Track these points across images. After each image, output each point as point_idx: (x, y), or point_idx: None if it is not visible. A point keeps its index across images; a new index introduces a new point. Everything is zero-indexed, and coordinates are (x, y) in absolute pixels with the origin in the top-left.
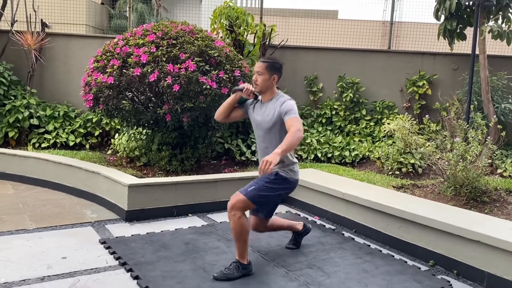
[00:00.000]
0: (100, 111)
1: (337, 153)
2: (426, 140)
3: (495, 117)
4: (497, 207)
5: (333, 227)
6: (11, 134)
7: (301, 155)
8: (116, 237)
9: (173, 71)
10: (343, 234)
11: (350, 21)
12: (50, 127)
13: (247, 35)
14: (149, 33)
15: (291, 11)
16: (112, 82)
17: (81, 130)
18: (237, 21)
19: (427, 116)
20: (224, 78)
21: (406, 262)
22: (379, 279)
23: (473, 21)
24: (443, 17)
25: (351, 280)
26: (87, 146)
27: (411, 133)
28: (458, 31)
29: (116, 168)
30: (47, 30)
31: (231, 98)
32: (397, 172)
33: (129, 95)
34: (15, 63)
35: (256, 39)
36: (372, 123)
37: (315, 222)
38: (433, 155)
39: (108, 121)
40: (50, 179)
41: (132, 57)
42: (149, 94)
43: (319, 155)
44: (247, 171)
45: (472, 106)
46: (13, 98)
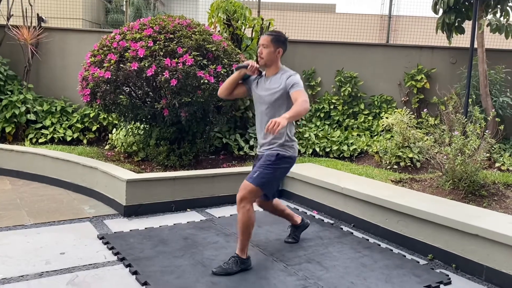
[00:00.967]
0: (97, 106)
1: (335, 148)
2: (424, 134)
3: (493, 110)
4: (495, 200)
5: (332, 222)
6: (8, 129)
7: (299, 149)
8: (114, 232)
9: (171, 66)
10: (342, 228)
11: (348, 15)
12: (47, 122)
13: (244, 29)
14: (146, 27)
15: (289, 5)
16: (109, 76)
17: (79, 125)
18: (235, 15)
19: (425, 110)
20: (222, 72)
21: (404, 256)
22: (377, 273)
23: (471, 15)
24: (441, 11)
25: (349, 274)
26: (85, 141)
27: (410, 127)
28: (456, 24)
29: (114, 163)
30: (43, 24)
31: (235, 74)
32: (396, 166)
33: (127, 89)
34: (12, 58)
35: (254, 33)
36: (370, 118)
37: (314, 216)
38: (432, 149)
39: (105, 116)
40: (47, 175)
41: (129, 51)
42: (146, 88)
43: (317, 150)
44: (246, 166)
45: (470, 100)
46: (9, 93)
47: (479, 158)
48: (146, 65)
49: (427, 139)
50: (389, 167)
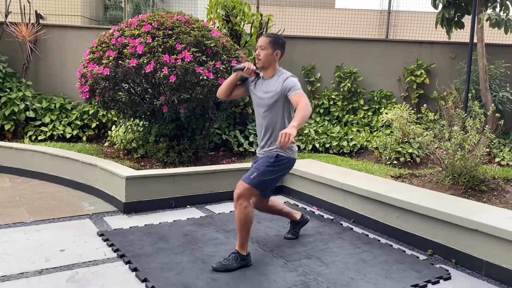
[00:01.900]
0: (96, 103)
1: (335, 143)
2: (424, 129)
3: (493, 105)
4: (495, 195)
5: (331, 217)
6: (7, 126)
7: (299, 145)
8: (114, 229)
9: (169, 62)
10: (341, 224)
11: (347, 10)
12: (46, 120)
13: (243, 25)
14: (144, 24)
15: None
16: (108, 73)
17: (78, 122)
18: (234, 11)
19: (425, 105)
20: (221, 68)
21: (404, 251)
22: (377, 268)
23: (471, 9)
24: (440, 6)
25: (349, 269)
26: (84, 138)
27: (409, 122)
28: (456, 19)
29: (113, 160)
30: (42, 21)
31: (232, 76)
32: (395, 161)
33: (126, 86)
34: (10, 55)
35: (253, 29)
36: (370, 113)
37: (313, 212)
38: (431, 144)
39: (104, 113)
40: (47, 172)
41: (128, 48)
42: (145, 85)
43: (317, 146)
44: (245, 162)
45: (470, 95)
46: (8, 90)
47: (478, 153)
48: (144, 61)
49: (427, 134)
50: (388, 163)
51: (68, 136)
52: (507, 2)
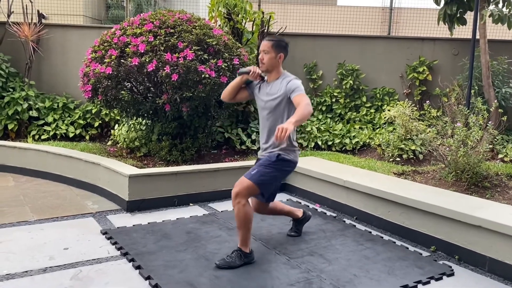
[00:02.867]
0: (99, 102)
1: (337, 141)
2: (426, 126)
3: (495, 102)
4: (498, 192)
5: (334, 215)
6: (10, 126)
7: (301, 143)
8: (117, 228)
9: (172, 60)
10: (344, 221)
11: (349, 7)
12: (49, 119)
13: (245, 23)
14: (146, 22)
15: None
16: (110, 72)
17: (81, 121)
18: (235, 8)
19: (427, 102)
20: (223, 66)
21: (407, 248)
22: (380, 265)
23: (473, 5)
24: (443, 2)
25: (352, 266)
26: (87, 137)
27: (412, 119)
28: (458, 15)
29: (116, 159)
30: (44, 21)
31: (237, 80)
32: (398, 158)
33: (128, 85)
34: (13, 55)
35: (254, 27)
36: (372, 110)
37: (316, 209)
38: (434, 141)
39: (107, 112)
40: (50, 171)
41: (130, 46)
42: (147, 84)
43: (320, 143)
44: (248, 160)
45: (472, 91)
46: (11, 90)
47: (481, 149)
48: (147, 60)
49: (430, 131)
50: (391, 160)
51: (71, 135)
52: None
